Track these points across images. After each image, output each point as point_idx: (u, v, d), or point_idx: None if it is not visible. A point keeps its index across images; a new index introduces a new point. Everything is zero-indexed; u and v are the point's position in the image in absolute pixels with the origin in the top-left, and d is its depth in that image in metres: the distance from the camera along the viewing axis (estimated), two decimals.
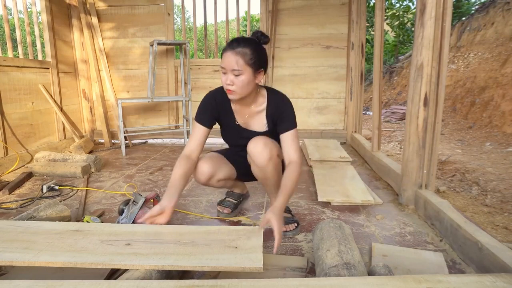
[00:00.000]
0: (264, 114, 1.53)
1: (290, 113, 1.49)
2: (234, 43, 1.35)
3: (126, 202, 1.66)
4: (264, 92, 1.54)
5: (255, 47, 1.37)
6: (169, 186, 1.41)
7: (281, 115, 1.49)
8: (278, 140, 1.54)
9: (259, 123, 1.56)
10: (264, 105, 1.52)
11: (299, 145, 1.49)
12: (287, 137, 1.46)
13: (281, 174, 1.55)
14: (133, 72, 4.03)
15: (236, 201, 1.84)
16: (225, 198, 1.87)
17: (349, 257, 1.11)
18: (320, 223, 1.41)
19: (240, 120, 1.58)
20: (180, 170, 1.44)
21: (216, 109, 1.57)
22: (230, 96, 1.43)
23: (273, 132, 1.55)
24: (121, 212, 1.63)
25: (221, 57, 1.39)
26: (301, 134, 3.85)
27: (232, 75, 1.36)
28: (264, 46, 1.45)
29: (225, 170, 1.66)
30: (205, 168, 1.57)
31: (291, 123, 1.47)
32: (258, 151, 1.45)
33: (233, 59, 1.34)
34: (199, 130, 1.54)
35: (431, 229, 1.63)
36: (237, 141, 1.63)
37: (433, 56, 1.70)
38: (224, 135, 1.68)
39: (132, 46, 3.99)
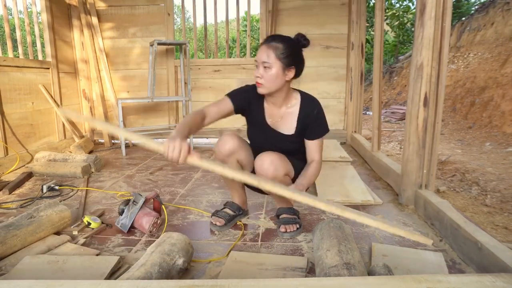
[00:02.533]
0: (295, 117, 1.53)
1: (323, 121, 1.53)
2: (270, 38, 1.42)
3: (126, 202, 1.66)
4: (298, 95, 1.55)
5: (289, 44, 1.41)
6: (178, 126, 1.30)
7: (314, 122, 1.50)
8: (299, 143, 1.55)
9: (289, 125, 1.54)
10: (297, 107, 1.53)
11: (322, 148, 1.56)
12: (314, 144, 1.53)
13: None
14: (133, 72, 4.03)
15: (233, 213, 1.70)
16: (222, 209, 1.73)
17: (349, 257, 1.11)
18: (320, 223, 1.41)
19: (269, 120, 1.57)
20: (189, 116, 1.38)
21: (248, 99, 1.55)
22: (258, 89, 1.45)
23: (299, 136, 1.54)
24: (121, 212, 1.64)
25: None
26: None
27: (262, 67, 1.40)
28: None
29: (247, 154, 1.60)
30: (229, 141, 1.52)
31: (321, 132, 1.52)
32: (264, 168, 1.43)
33: (264, 52, 1.39)
34: (224, 102, 1.51)
35: (431, 229, 1.63)
36: (261, 141, 1.60)
37: (433, 56, 1.71)
38: (251, 132, 1.65)
39: (132, 46, 3.99)
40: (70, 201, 2.08)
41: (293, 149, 1.58)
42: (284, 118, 1.55)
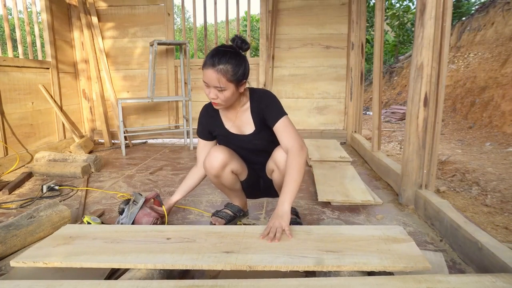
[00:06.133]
0: (249, 112, 1.50)
1: (274, 102, 1.45)
2: (215, 59, 1.31)
3: (127, 202, 1.66)
4: (247, 92, 1.51)
5: (235, 62, 1.33)
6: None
7: (265, 108, 1.44)
8: (268, 139, 1.51)
9: (247, 123, 1.51)
10: (248, 103, 1.50)
11: (294, 130, 1.41)
12: (278, 127, 1.40)
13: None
14: (133, 72, 4.03)
15: (233, 214, 1.70)
16: (221, 209, 1.73)
17: None
18: (320, 223, 1.41)
19: (229, 125, 1.54)
20: (190, 172, 1.67)
21: (208, 122, 1.58)
22: (216, 107, 1.45)
23: (261, 132, 1.50)
24: (121, 211, 1.63)
25: (202, 69, 1.36)
26: (301, 134, 3.85)
27: (215, 90, 1.35)
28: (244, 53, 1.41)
29: (240, 162, 1.57)
30: (219, 154, 1.48)
31: (278, 112, 1.42)
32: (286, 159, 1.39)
33: (214, 77, 1.31)
34: (203, 144, 1.63)
35: (431, 229, 1.63)
36: (231, 148, 1.57)
37: (433, 56, 1.70)
38: (219, 142, 1.63)
39: (132, 46, 3.99)
40: (70, 201, 2.08)
41: (263, 148, 1.54)
42: (239, 117, 1.51)
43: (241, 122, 1.52)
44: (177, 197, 1.65)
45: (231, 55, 1.33)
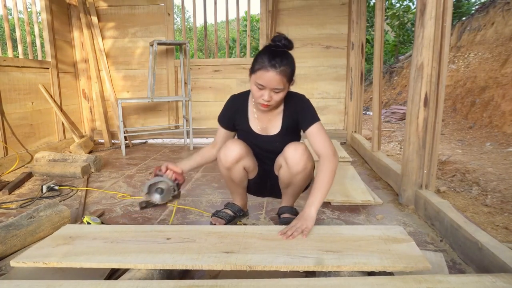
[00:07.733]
0: (281, 115, 1.51)
1: (309, 107, 1.48)
2: (276, 61, 1.29)
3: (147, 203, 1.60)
4: None
5: (291, 62, 1.35)
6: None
7: (300, 112, 1.46)
8: (288, 140, 1.51)
9: (275, 126, 1.52)
10: (282, 107, 1.50)
11: (327, 136, 1.43)
12: (312, 131, 1.43)
13: (305, 185, 1.55)
14: (133, 72, 4.03)
15: (233, 214, 1.68)
16: (221, 209, 1.72)
17: None
18: (320, 223, 1.41)
19: (257, 126, 1.54)
20: (204, 150, 1.62)
21: (233, 115, 1.57)
22: (265, 109, 1.41)
23: (284, 136, 1.51)
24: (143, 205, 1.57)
25: (257, 71, 1.32)
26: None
27: (271, 92, 1.34)
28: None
29: (253, 160, 1.57)
30: (236, 147, 1.47)
31: (313, 117, 1.45)
32: (297, 157, 1.41)
33: (278, 79, 1.30)
34: (221, 131, 1.62)
35: (431, 229, 1.63)
36: (250, 145, 1.57)
37: (433, 56, 1.70)
38: (239, 137, 1.64)
39: (132, 46, 3.99)
40: (70, 201, 2.08)
41: (281, 151, 1.51)
42: (271, 120, 1.52)
43: (270, 123, 1.53)
44: (187, 167, 1.58)
45: (287, 55, 1.35)
